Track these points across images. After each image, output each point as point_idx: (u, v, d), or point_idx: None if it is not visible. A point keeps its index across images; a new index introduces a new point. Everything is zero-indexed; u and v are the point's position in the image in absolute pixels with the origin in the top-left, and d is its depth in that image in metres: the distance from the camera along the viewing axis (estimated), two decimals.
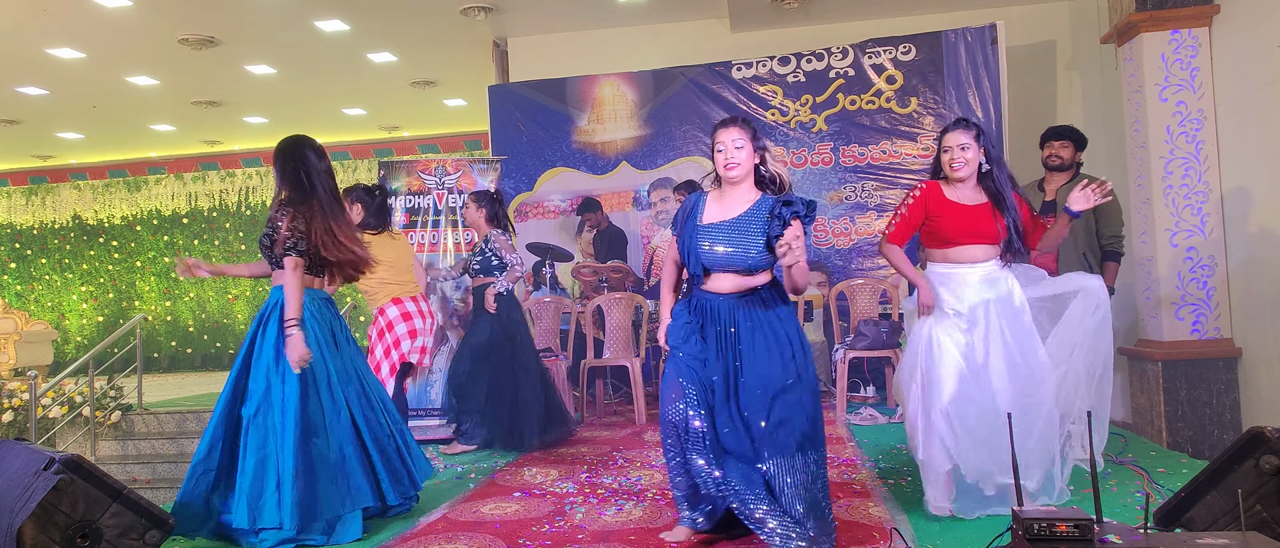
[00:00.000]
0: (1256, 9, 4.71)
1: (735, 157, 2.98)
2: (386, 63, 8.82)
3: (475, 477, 4.41)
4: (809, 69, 6.95)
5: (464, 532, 3.38)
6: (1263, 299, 4.74)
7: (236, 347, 12.96)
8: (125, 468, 7.13)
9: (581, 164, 7.44)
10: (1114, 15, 5.51)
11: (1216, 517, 2.71)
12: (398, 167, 6.47)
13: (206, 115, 10.67)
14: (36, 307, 13.27)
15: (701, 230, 3.01)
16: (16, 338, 9.40)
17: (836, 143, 6.91)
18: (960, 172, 3.26)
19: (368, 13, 7.43)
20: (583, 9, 7.41)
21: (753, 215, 2.96)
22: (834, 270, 6.85)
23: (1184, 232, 5.01)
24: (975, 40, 6.57)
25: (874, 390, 6.15)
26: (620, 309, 5.93)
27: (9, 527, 2.81)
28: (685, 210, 3.12)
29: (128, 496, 3.01)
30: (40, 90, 9.27)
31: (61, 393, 7.60)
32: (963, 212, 3.26)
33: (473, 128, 11.49)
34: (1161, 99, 5.08)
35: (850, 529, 3.16)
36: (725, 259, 2.96)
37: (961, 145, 3.25)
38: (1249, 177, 4.82)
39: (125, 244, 13.29)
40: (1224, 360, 4.95)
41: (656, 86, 7.25)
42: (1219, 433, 4.92)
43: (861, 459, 4.33)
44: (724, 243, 2.96)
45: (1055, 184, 4.37)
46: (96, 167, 13.26)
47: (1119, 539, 2.17)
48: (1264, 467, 2.61)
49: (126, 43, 7.93)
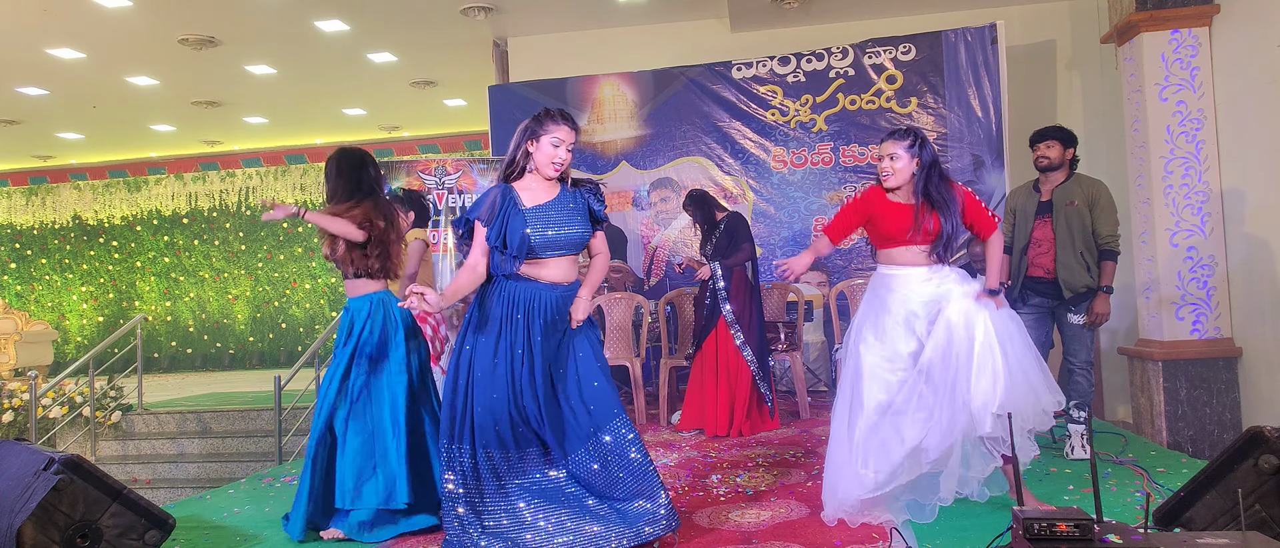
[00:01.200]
0: (1256, 9, 4.72)
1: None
2: (386, 63, 8.83)
3: None
4: (809, 69, 6.95)
5: None
6: (1263, 299, 4.74)
7: (236, 347, 12.98)
8: (125, 468, 7.14)
9: (581, 164, 7.43)
10: (1114, 15, 5.51)
11: (1216, 516, 2.71)
12: (398, 166, 6.47)
13: (206, 115, 10.67)
14: (36, 307, 13.28)
15: None
16: (16, 338, 9.40)
17: (836, 143, 6.91)
18: (888, 181, 3.30)
19: (368, 13, 7.43)
20: (583, 9, 7.41)
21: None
22: (834, 271, 6.85)
23: (1184, 231, 5.01)
24: (975, 40, 6.57)
25: None
26: (620, 309, 5.93)
27: (9, 527, 2.81)
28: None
29: (128, 496, 3.01)
30: (40, 90, 9.27)
31: (61, 393, 7.60)
32: (900, 211, 3.28)
33: (473, 128, 11.50)
34: (1161, 99, 5.08)
35: (849, 529, 3.16)
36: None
37: (891, 155, 3.28)
38: (1249, 176, 4.82)
39: (125, 244, 13.29)
40: (1224, 360, 4.96)
41: (656, 86, 7.25)
42: (1219, 433, 4.92)
43: None
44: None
45: (1051, 184, 4.37)
46: (96, 167, 13.27)
47: (1119, 539, 2.17)
48: (1263, 466, 2.61)
49: (126, 43, 7.93)
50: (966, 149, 6.66)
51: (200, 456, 7.39)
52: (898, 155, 3.27)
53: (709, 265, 5.15)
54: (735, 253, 5.11)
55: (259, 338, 12.96)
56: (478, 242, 3.02)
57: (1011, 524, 2.30)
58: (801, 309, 5.89)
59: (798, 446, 4.69)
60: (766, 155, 7.02)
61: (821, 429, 5.13)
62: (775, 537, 3.11)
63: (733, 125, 7.06)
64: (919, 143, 3.28)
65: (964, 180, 6.69)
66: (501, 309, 3.00)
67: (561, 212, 3.04)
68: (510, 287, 3.01)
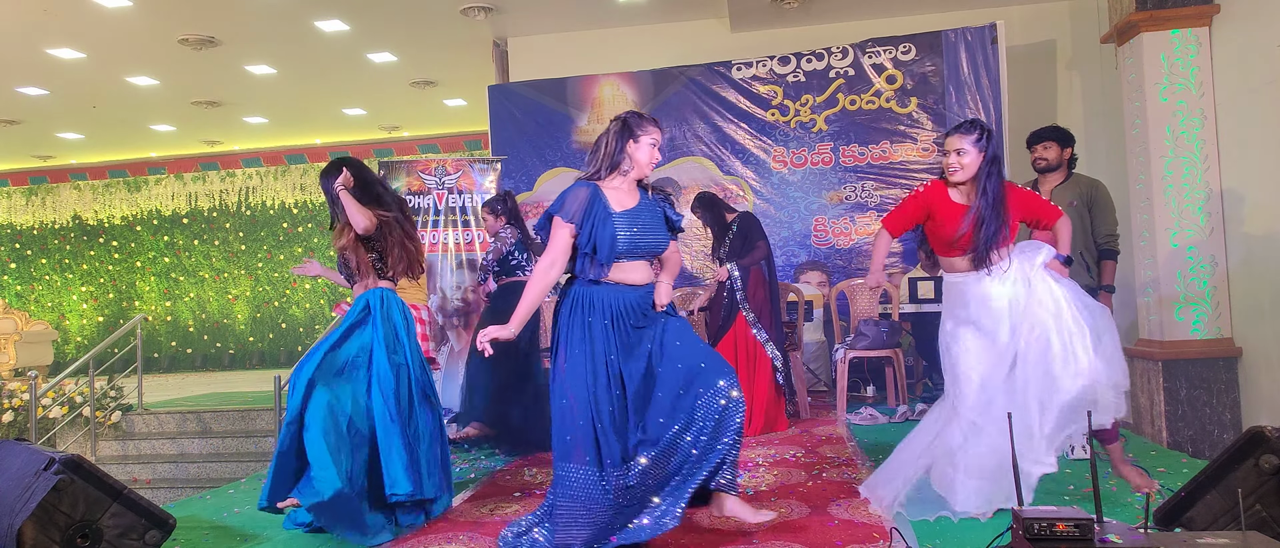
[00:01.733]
0: (1256, 9, 4.71)
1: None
2: (386, 63, 8.82)
3: (475, 477, 4.41)
4: (809, 69, 6.95)
5: (464, 532, 3.38)
6: (1263, 299, 4.74)
7: (236, 347, 12.98)
8: (125, 468, 7.13)
9: (581, 164, 7.41)
10: (1114, 15, 5.51)
11: (1216, 516, 2.71)
12: (398, 167, 6.48)
13: (206, 115, 10.67)
14: (36, 307, 13.28)
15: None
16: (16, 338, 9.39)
17: (836, 143, 6.91)
18: (955, 175, 3.25)
19: (368, 13, 7.43)
20: (583, 9, 7.41)
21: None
22: (834, 270, 6.85)
23: (1184, 231, 5.01)
24: (975, 40, 6.57)
25: (874, 390, 6.15)
26: None
27: (9, 527, 2.81)
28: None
29: (128, 496, 3.01)
30: (40, 90, 9.27)
31: (62, 393, 7.60)
32: (956, 212, 3.24)
33: (473, 128, 11.50)
34: (1161, 99, 5.08)
35: (850, 529, 3.16)
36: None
37: (959, 150, 3.23)
38: (1249, 176, 4.81)
39: (125, 244, 13.29)
40: (1224, 360, 4.95)
41: (656, 86, 7.25)
42: (1219, 433, 4.92)
43: (861, 459, 4.32)
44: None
45: (1049, 185, 4.37)
46: (96, 167, 13.27)
47: (1119, 539, 2.17)
48: (1264, 466, 2.61)
49: (126, 43, 7.93)
50: None
51: (200, 456, 7.39)
52: (965, 150, 3.22)
53: (726, 267, 5.14)
54: (750, 252, 5.11)
55: (259, 338, 12.96)
56: (560, 242, 2.94)
57: (1011, 524, 2.30)
58: (801, 309, 5.89)
59: (798, 446, 4.69)
60: (767, 155, 7.02)
61: (822, 429, 5.13)
62: (776, 537, 3.11)
63: (733, 125, 7.06)
64: (986, 136, 3.24)
65: None
66: (589, 317, 2.96)
67: (649, 217, 3.02)
68: (594, 293, 2.97)
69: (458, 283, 6.17)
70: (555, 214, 2.95)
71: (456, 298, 6.10)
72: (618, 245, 2.91)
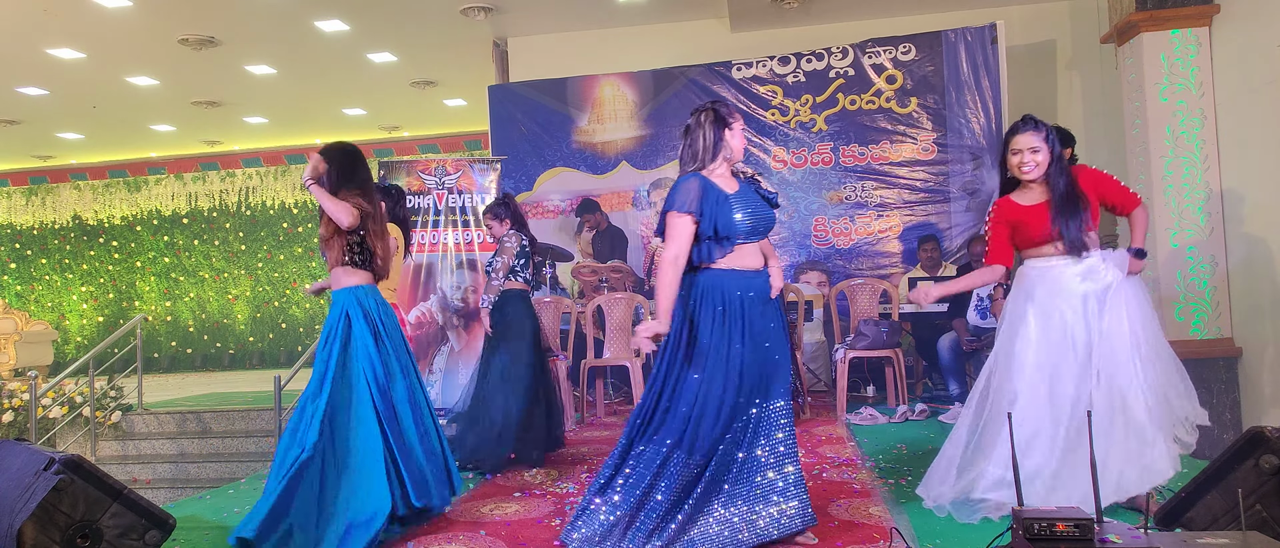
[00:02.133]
0: (1256, 9, 4.72)
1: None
2: (386, 63, 8.82)
3: (474, 477, 4.41)
4: (809, 69, 6.95)
5: (463, 532, 3.38)
6: (1263, 299, 4.74)
7: (236, 347, 12.98)
8: (125, 468, 7.13)
9: (581, 164, 7.44)
10: (1114, 15, 5.51)
11: (1216, 517, 2.71)
12: (398, 167, 6.48)
13: (206, 115, 10.67)
14: (36, 307, 13.28)
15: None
16: (16, 338, 9.38)
17: (836, 143, 6.92)
18: (1030, 174, 3.21)
19: (368, 13, 7.43)
20: (583, 9, 7.41)
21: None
22: (834, 270, 6.85)
23: (1184, 231, 5.01)
24: (975, 40, 6.57)
25: (874, 390, 6.15)
26: (620, 309, 5.93)
27: (9, 527, 2.81)
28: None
29: (128, 496, 3.01)
30: (40, 90, 9.27)
31: (62, 393, 7.60)
32: (1035, 213, 3.22)
33: (473, 128, 11.49)
34: (1161, 99, 5.08)
35: (850, 529, 3.16)
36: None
37: (1032, 148, 3.19)
38: (1248, 176, 4.82)
39: (125, 244, 13.29)
40: (1224, 360, 4.95)
41: (656, 86, 7.25)
42: (1219, 433, 4.92)
43: (861, 459, 4.33)
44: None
45: None
46: (96, 167, 13.26)
47: (1119, 539, 2.18)
48: (1264, 467, 2.61)
49: (126, 43, 7.93)
50: (966, 149, 6.66)
51: (200, 456, 7.39)
52: (1038, 147, 3.19)
53: None
54: None
55: (259, 338, 12.96)
56: (684, 234, 2.98)
57: (1011, 524, 2.30)
58: (801, 309, 5.89)
59: (798, 446, 4.68)
60: (767, 155, 7.02)
61: (822, 429, 5.13)
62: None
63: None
64: (1049, 132, 3.22)
65: (963, 180, 6.71)
66: (718, 306, 2.98)
67: (753, 198, 3.07)
68: (717, 280, 3.00)
69: (457, 283, 6.17)
70: (671, 210, 3.00)
71: (456, 298, 6.10)
72: (740, 225, 2.97)
